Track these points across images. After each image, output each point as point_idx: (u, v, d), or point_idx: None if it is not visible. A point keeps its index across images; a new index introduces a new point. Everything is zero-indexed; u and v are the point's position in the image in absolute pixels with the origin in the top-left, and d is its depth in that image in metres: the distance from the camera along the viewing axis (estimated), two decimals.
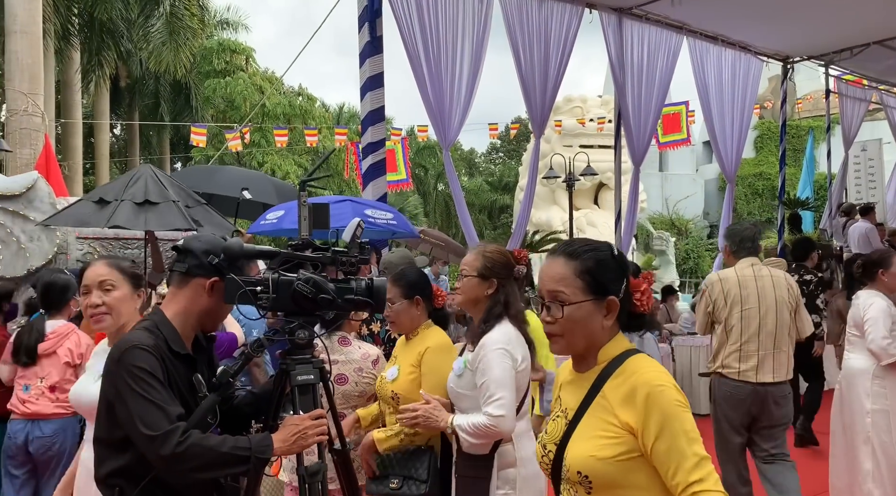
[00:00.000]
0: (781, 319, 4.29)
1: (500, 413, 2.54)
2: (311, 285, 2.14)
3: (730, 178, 11.86)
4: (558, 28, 9.33)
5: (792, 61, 12.51)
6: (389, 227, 6.58)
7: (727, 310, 4.35)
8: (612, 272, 1.73)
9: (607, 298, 1.71)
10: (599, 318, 1.71)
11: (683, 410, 1.63)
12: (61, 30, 16.17)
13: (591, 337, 1.73)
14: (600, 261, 1.72)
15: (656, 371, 1.68)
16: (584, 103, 30.97)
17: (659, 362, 2.66)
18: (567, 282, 1.70)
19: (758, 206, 33.82)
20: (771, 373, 4.26)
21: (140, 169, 5.99)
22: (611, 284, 1.72)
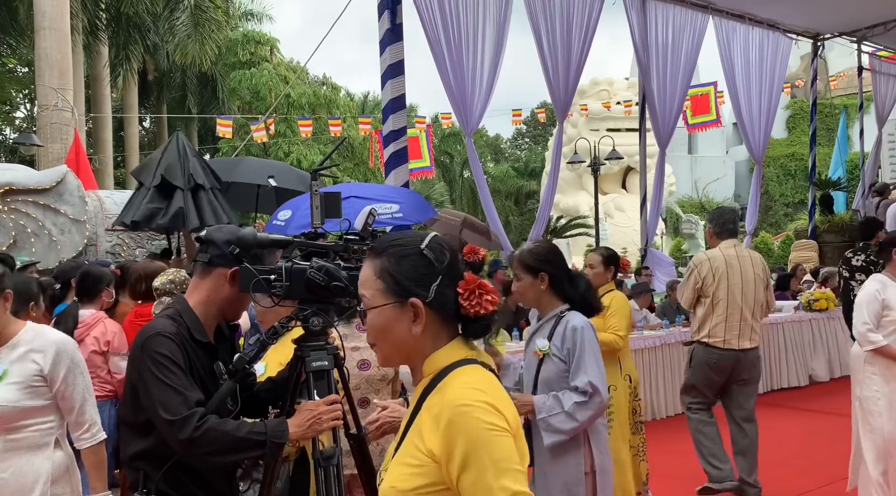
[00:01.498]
0: (758, 294, 4.87)
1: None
2: (323, 273, 2.17)
3: (757, 159, 11.67)
4: (580, 11, 9.23)
5: (822, 38, 12.23)
6: (394, 221, 6.57)
7: (715, 286, 4.85)
8: (417, 270, 1.46)
9: (409, 301, 1.43)
10: (406, 325, 1.44)
11: (495, 435, 1.33)
12: (89, 25, 16.42)
13: (401, 346, 1.47)
14: (402, 258, 1.46)
15: (468, 387, 1.38)
16: (611, 86, 30.62)
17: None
18: (368, 283, 1.48)
19: (790, 187, 33.22)
20: (748, 339, 4.84)
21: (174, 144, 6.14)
22: (415, 285, 1.44)
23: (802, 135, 31.17)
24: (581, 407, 2.76)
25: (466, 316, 1.47)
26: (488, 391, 1.39)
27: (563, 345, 2.86)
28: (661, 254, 11.73)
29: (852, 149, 19.62)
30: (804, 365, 8.88)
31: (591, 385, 2.78)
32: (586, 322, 2.91)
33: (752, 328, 4.86)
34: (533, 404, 2.81)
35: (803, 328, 8.94)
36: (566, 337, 2.86)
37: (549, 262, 2.96)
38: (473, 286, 1.47)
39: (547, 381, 2.87)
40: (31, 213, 6.35)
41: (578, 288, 2.99)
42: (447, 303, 1.46)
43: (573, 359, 2.84)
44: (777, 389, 8.53)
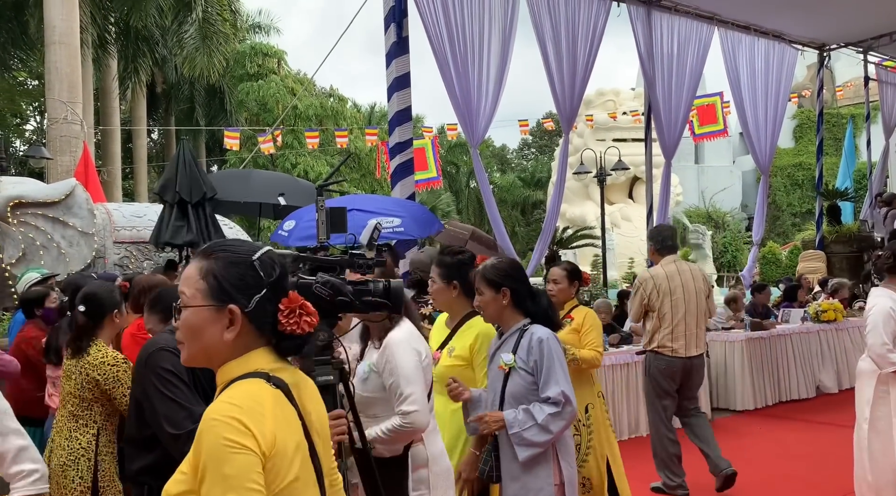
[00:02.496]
0: (700, 305, 5.23)
1: (413, 408, 2.62)
2: (328, 288, 2.18)
3: (764, 169, 11.65)
4: (586, 22, 9.27)
5: (828, 49, 12.23)
6: (395, 236, 6.58)
7: (660, 301, 5.20)
8: (244, 279, 1.47)
9: (228, 306, 1.44)
10: (220, 329, 1.45)
11: (232, 452, 1.32)
12: (98, 39, 16.58)
13: (209, 350, 1.47)
14: (232, 264, 1.47)
15: (226, 402, 1.39)
16: (617, 96, 30.65)
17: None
18: (191, 281, 1.47)
19: (797, 196, 33.12)
20: (695, 347, 5.23)
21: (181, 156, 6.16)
22: (238, 292, 1.46)
23: (810, 144, 31.10)
24: (554, 418, 2.75)
25: (282, 332, 1.49)
26: (247, 408, 1.37)
27: (530, 358, 2.85)
28: None
29: (860, 158, 19.56)
30: (812, 376, 8.83)
31: (564, 395, 2.78)
32: (551, 333, 2.92)
33: (696, 336, 5.25)
34: (504, 420, 2.77)
35: (811, 339, 8.89)
36: (532, 349, 2.85)
37: (511, 277, 2.95)
38: (295, 305, 1.50)
39: (514, 395, 2.84)
40: (41, 225, 6.40)
41: (540, 303, 3.00)
42: (265, 316, 1.48)
43: (541, 371, 2.82)
44: (785, 401, 8.49)
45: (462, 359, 3.12)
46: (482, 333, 3.12)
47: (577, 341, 4.22)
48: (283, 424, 1.41)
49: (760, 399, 8.28)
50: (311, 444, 1.50)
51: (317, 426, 1.55)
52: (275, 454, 1.38)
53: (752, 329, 8.42)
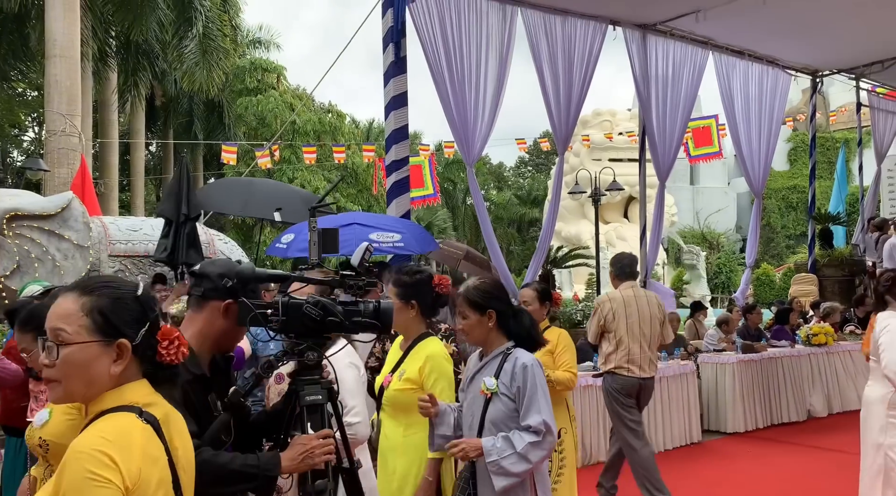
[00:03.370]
0: (653, 330, 5.48)
1: (357, 420, 2.70)
2: (319, 308, 2.22)
3: (757, 193, 11.74)
4: (582, 45, 9.37)
5: (821, 75, 12.38)
6: (395, 250, 6.63)
7: (615, 324, 5.44)
8: (130, 313, 1.55)
9: (117, 341, 1.51)
10: (107, 364, 1.51)
11: (94, 485, 1.37)
12: (99, 52, 16.68)
13: (92, 385, 1.51)
14: (118, 299, 1.54)
15: (96, 435, 1.44)
16: (613, 117, 30.90)
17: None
18: (72, 318, 1.50)
19: (792, 219, 33.32)
20: (648, 369, 5.46)
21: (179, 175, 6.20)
22: (126, 327, 1.53)
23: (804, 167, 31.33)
24: (534, 447, 2.69)
25: (161, 363, 1.57)
26: (115, 442, 1.42)
27: (513, 384, 2.77)
28: (661, 286, 11.76)
29: (852, 183, 19.73)
30: (803, 400, 8.85)
31: (545, 424, 2.72)
32: (534, 359, 2.85)
33: (649, 359, 5.48)
34: (482, 448, 2.70)
35: (802, 363, 8.93)
36: (515, 375, 2.77)
37: (495, 299, 2.89)
38: (173, 337, 1.59)
39: (494, 421, 2.77)
40: (36, 238, 6.42)
41: (523, 323, 2.93)
42: (148, 349, 1.56)
43: (523, 398, 2.75)
44: (776, 424, 8.50)
45: (412, 382, 3.04)
46: (432, 355, 3.06)
47: (551, 363, 4.16)
48: (149, 460, 1.47)
49: (751, 421, 8.29)
50: (176, 479, 1.56)
51: (182, 461, 1.61)
52: (137, 488, 1.43)
53: (744, 351, 8.45)
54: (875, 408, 4.18)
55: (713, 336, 9.02)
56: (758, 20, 9.35)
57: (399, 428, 3.06)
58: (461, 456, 2.76)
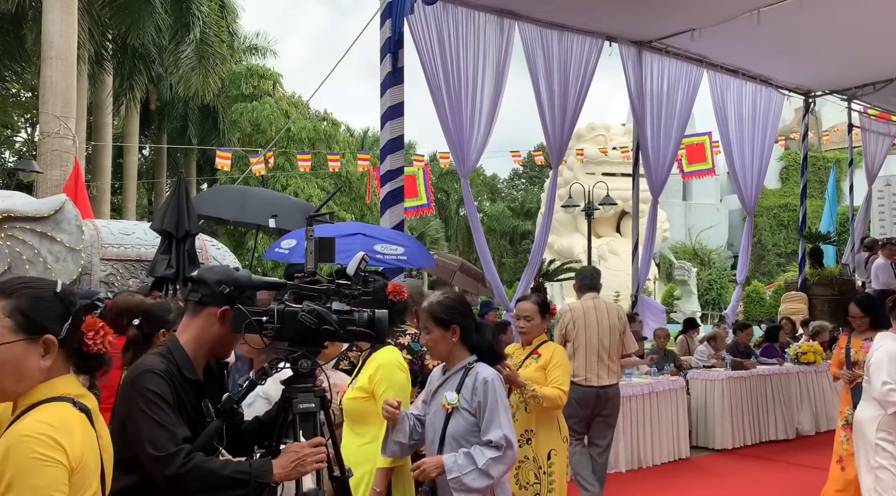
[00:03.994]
0: (613, 339, 5.63)
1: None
2: (314, 316, 2.23)
3: (749, 210, 11.82)
4: (578, 60, 9.44)
5: (814, 95, 12.51)
6: (398, 263, 6.65)
7: (575, 333, 5.63)
8: (52, 310, 1.62)
9: (43, 337, 1.59)
10: (36, 359, 1.59)
11: (43, 465, 1.47)
12: (95, 55, 16.65)
13: (22, 381, 1.59)
14: (38, 298, 1.62)
15: (38, 421, 1.53)
16: (608, 131, 31.06)
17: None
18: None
19: (783, 237, 33.50)
20: (606, 378, 5.59)
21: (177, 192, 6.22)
22: (49, 323, 1.61)
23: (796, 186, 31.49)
24: (496, 462, 2.69)
25: (88, 353, 1.68)
26: (59, 427, 1.53)
27: (474, 398, 2.78)
28: (652, 301, 11.79)
29: (843, 203, 19.89)
30: (791, 418, 8.89)
31: (506, 439, 2.72)
32: (495, 374, 2.86)
33: (608, 368, 5.63)
34: (443, 465, 2.69)
35: (791, 381, 8.97)
36: (476, 390, 2.78)
37: (460, 314, 2.89)
38: (98, 326, 1.69)
39: (455, 436, 2.78)
40: (28, 240, 6.39)
41: (485, 337, 2.95)
42: (74, 341, 1.65)
43: (484, 413, 2.75)
44: (764, 442, 8.53)
45: (363, 390, 3.05)
46: (383, 364, 3.06)
47: (542, 378, 4.06)
48: (87, 445, 1.59)
49: (739, 438, 8.32)
50: (102, 465, 1.68)
51: (108, 451, 1.74)
52: (80, 469, 1.54)
53: (733, 368, 8.48)
54: (866, 429, 4.17)
55: (703, 352, 9.05)
56: (752, 40, 9.46)
57: (355, 437, 3.07)
58: (423, 476, 2.74)
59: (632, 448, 7.32)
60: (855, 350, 5.14)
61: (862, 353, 5.04)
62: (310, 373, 2.28)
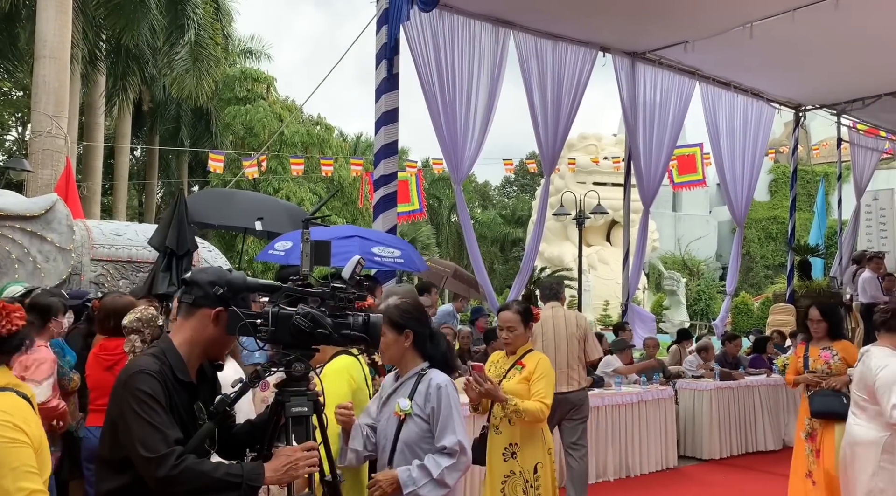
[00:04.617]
0: (571, 347, 5.75)
1: None
2: (308, 319, 2.23)
3: (739, 222, 11.91)
4: (571, 69, 9.51)
5: (804, 109, 12.64)
6: (395, 266, 6.67)
7: (533, 340, 5.53)
8: None
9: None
10: None
11: (14, 447, 1.63)
12: (88, 55, 16.59)
13: None
14: None
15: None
16: (599, 141, 31.23)
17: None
18: None
19: (771, 249, 33.72)
20: (566, 385, 5.67)
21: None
22: None
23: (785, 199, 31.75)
24: (451, 470, 2.68)
25: (2, 336, 1.79)
26: (15, 413, 1.70)
27: (427, 405, 2.75)
28: (642, 310, 11.85)
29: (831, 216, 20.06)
30: (778, 429, 8.93)
31: (460, 444, 2.70)
32: (449, 380, 2.84)
33: (568, 375, 5.73)
34: (398, 480, 2.66)
35: (778, 392, 9.02)
36: (430, 396, 2.76)
37: (414, 319, 2.89)
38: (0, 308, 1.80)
39: (408, 442, 2.76)
40: (18, 239, 6.34)
41: (440, 346, 2.94)
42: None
43: (437, 419, 2.73)
44: (752, 452, 8.56)
45: None
46: (328, 373, 2.98)
47: (525, 391, 3.91)
48: (38, 429, 1.74)
49: (727, 449, 8.35)
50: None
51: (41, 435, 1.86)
52: (40, 450, 1.69)
53: (722, 378, 8.52)
54: (866, 451, 4.02)
55: (692, 362, 9.09)
56: (744, 53, 9.56)
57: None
58: (380, 494, 2.70)
59: (620, 456, 7.34)
60: (813, 358, 5.17)
61: (820, 362, 5.11)
62: (303, 376, 2.27)
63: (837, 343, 5.15)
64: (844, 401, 4.83)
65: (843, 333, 5.25)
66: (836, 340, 5.16)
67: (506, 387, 3.94)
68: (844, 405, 4.80)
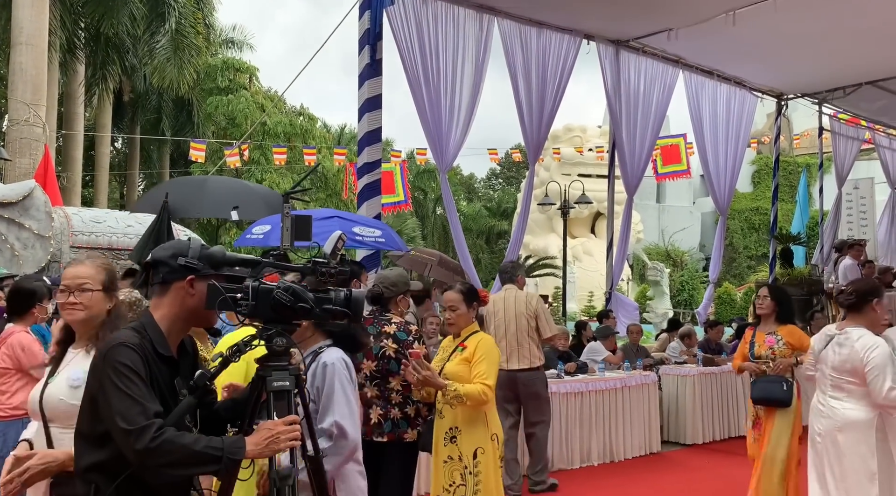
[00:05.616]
0: (520, 325, 6.06)
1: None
2: (290, 294, 2.20)
3: (722, 211, 11.98)
4: (556, 57, 9.50)
5: (786, 98, 12.71)
6: (377, 245, 6.67)
7: (488, 320, 6.03)
8: None
9: None
10: None
11: None
12: (67, 43, 16.36)
13: None
14: None
15: None
16: (584, 133, 31.28)
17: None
18: None
19: (754, 240, 34.02)
20: (517, 362, 6.00)
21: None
22: None
23: (767, 190, 32.05)
24: (328, 454, 2.51)
25: None
26: None
27: (314, 384, 2.65)
28: (625, 298, 11.90)
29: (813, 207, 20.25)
30: None
31: (338, 426, 2.59)
32: (339, 358, 2.71)
33: (519, 353, 6.03)
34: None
35: None
36: (317, 375, 2.66)
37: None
38: None
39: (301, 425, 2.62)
40: None
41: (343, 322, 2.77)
42: None
43: (321, 399, 2.62)
44: (734, 437, 8.63)
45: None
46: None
47: (467, 372, 3.76)
48: None
49: (709, 433, 8.42)
50: None
51: None
52: None
53: (705, 364, 8.59)
54: (859, 433, 4.01)
55: (675, 348, 9.15)
56: (727, 41, 9.59)
57: None
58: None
59: (604, 442, 7.38)
60: (758, 344, 5.11)
61: (764, 347, 5.08)
62: (284, 351, 2.25)
63: (783, 327, 5.08)
64: (785, 387, 4.87)
65: (791, 319, 5.14)
66: (782, 324, 5.10)
67: (447, 369, 3.81)
68: (785, 391, 4.88)
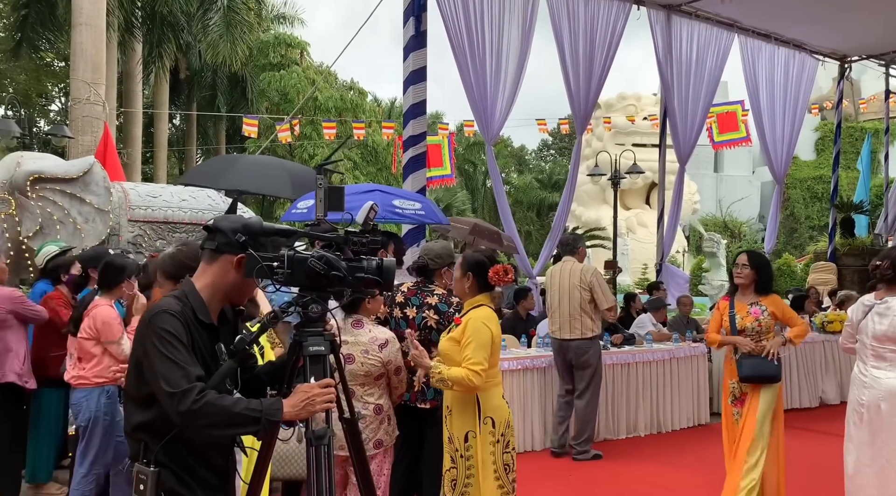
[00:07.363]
0: (573, 298, 6.36)
1: None
2: (323, 262, 2.27)
3: (779, 179, 11.63)
4: (604, 24, 9.31)
5: (850, 60, 12.17)
6: (417, 218, 6.72)
7: (548, 294, 6.60)
8: None
9: None
10: None
11: None
12: (124, 22, 16.80)
13: None
14: None
15: None
16: (638, 101, 30.56)
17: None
18: None
19: (816, 209, 32.84)
20: (569, 332, 6.38)
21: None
22: None
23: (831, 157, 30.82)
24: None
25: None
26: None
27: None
28: (676, 269, 11.72)
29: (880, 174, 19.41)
30: (815, 386, 8.82)
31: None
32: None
33: (570, 324, 6.36)
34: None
35: (815, 349, 8.88)
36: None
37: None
38: None
39: None
40: (58, 200, 6.53)
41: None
42: None
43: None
44: (788, 410, 8.43)
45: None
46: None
47: (456, 352, 3.43)
48: None
49: None
50: None
51: None
52: None
53: None
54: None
55: None
56: (785, 2, 9.22)
57: None
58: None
59: (651, 413, 7.35)
60: (741, 316, 4.82)
61: (749, 320, 4.79)
62: (319, 317, 2.33)
63: (766, 298, 4.83)
64: (776, 361, 4.75)
65: (771, 288, 4.89)
66: (763, 295, 4.85)
67: (439, 346, 3.58)
68: (776, 366, 4.76)
